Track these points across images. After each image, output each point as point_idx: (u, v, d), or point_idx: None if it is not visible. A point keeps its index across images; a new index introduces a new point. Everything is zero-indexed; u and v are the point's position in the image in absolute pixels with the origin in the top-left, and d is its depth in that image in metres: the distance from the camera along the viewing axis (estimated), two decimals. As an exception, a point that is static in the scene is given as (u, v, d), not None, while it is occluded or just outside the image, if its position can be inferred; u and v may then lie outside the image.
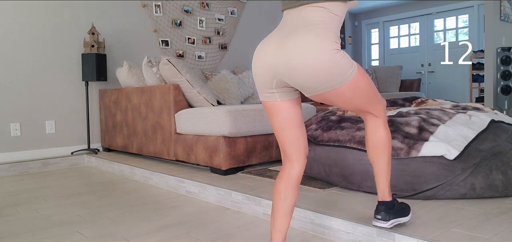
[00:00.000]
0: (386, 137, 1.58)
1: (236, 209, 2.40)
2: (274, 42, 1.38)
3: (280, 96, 1.44)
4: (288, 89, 1.43)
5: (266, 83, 1.43)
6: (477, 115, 2.32)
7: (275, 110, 1.47)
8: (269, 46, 1.39)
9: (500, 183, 2.03)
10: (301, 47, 1.31)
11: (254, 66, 1.45)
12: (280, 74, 1.37)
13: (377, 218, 1.63)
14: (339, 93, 1.38)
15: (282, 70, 1.36)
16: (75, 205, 2.63)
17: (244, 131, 2.99)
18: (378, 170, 1.62)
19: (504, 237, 1.55)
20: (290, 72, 1.34)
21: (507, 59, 5.86)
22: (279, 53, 1.36)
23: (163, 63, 3.38)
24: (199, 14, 5.41)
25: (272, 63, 1.38)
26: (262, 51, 1.41)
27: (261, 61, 1.41)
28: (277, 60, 1.36)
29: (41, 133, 4.22)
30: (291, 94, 1.45)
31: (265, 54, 1.40)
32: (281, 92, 1.44)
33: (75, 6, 4.40)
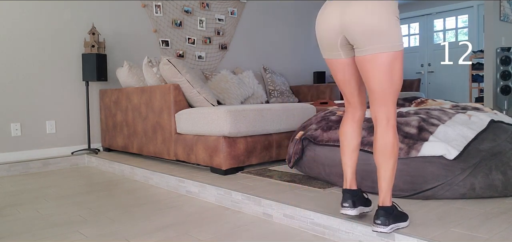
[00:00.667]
0: (394, 143, 1.61)
1: (236, 209, 2.40)
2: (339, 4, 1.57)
3: (344, 54, 1.65)
4: (350, 47, 1.63)
5: (332, 42, 1.63)
6: (476, 115, 2.33)
7: (340, 66, 1.69)
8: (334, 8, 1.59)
9: (499, 183, 2.03)
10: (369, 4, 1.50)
11: (320, 26, 1.64)
12: (344, 30, 1.56)
13: (376, 223, 1.61)
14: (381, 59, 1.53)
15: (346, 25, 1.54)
16: (75, 205, 2.63)
17: (244, 131, 2.99)
18: (382, 175, 1.63)
19: (504, 237, 1.55)
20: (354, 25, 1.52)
21: (507, 59, 5.86)
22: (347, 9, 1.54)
23: (163, 63, 3.39)
24: (199, 14, 5.41)
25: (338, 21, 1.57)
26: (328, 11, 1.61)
27: (328, 20, 1.60)
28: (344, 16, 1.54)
29: (42, 133, 4.22)
30: (353, 52, 1.64)
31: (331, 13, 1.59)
32: (345, 50, 1.64)
33: (75, 6, 4.40)
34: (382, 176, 1.63)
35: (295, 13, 6.60)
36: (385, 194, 1.64)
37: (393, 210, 1.65)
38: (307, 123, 2.81)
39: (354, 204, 1.71)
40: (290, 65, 6.53)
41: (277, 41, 6.35)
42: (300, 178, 2.71)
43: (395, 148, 1.61)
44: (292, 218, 2.05)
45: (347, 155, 1.74)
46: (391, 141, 1.60)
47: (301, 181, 2.61)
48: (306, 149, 2.63)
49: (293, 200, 2.16)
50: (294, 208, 2.04)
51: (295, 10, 6.60)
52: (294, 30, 6.58)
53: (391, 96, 1.59)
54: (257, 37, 6.08)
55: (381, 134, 1.61)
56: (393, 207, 1.66)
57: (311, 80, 6.85)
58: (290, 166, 2.77)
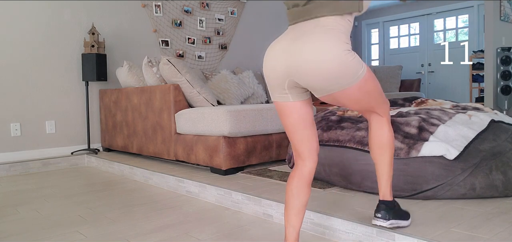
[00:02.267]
0: (390, 136, 1.60)
1: (236, 209, 2.40)
2: (286, 44, 1.41)
3: (292, 97, 1.47)
4: (299, 90, 1.46)
5: (279, 84, 1.45)
6: (477, 115, 2.33)
7: (287, 110, 1.50)
8: (281, 48, 1.42)
9: (500, 183, 2.03)
10: (313, 47, 1.34)
11: (266, 67, 1.47)
12: (292, 74, 1.40)
13: (377, 216, 1.63)
14: (348, 94, 1.41)
15: (294, 70, 1.38)
16: (75, 205, 2.63)
17: (244, 131, 2.99)
18: (380, 169, 1.64)
19: (504, 237, 1.55)
20: (302, 73, 1.37)
21: (507, 59, 5.86)
22: (291, 54, 1.38)
23: (163, 63, 3.38)
24: (199, 14, 5.41)
25: (284, 64, 1.40)
26: (274, 52, 1.44)
27: (273, 62, 1.44)
28: (289, 61, 1.39)
29: (41, 133, 4.22)
30: (303, 95, 1.48)
31: (277, 56, 1.43)
32: (293, 93, 1.47)
33: (75, 6, 4.40)
34: (380, 170, 1.64)
35: (295, 13, 6.59)
36: (385, 188, 1.64)
37: (394, 206, 1.65)
38: (307, 123, 2.80)
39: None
40: (290, 65, 6.53)
41: (277, 41, 6.34)
42: (300, 178, 2.70)
43: (391, 141, 1.60)
44: (292, 218, 2.04)
45: (291, 216, 1.51)
46: (386, 134, 1.59)
47: (301, 181, 2.61)
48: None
49: (293, 200, 2.16)
50: (294, 208, 2.03)
51: (295, 10, 6.59)
52: (294, 30, 6.57)
53: (375, 104, 1.53)
54: (257, 37, 6.08)
55: (375, 129, 1.61)
56: (394, 202, 1.67)
57: (311, 80, 6.85)
58: (290, 166, 2.77)
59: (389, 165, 1.62)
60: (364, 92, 1.44)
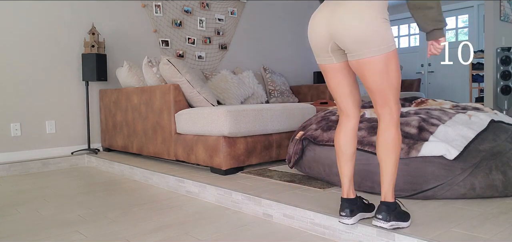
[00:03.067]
0: (397, 138, 1.63)
1: (236, 209, 2.40)
2: (329, 9, 1.58)
3: (336, 59, 1.65)
4: (341, 51, 1.63)
5: (323, 48, 1.63)
6: (477, 115, 2.33)
7: (332, 71, 1.68)
8: (324, 13, 1.59)
9: (500, 183, 2.03)
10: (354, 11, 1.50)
11: (311, 32, 1.65)
12: (334, 36, 1.56)
13: (377, 217, 1.63)
14: (374, 63, 1.53)
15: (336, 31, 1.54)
16: (75, 205, 2.63)
17: (244, 131, 2.99)
18: (384, 170, 1.65)
19: (504, 237, 1.55)
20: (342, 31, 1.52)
21: (507, 59, 5.86)
22: (333, 17, 1.55)
23: (163, 63, 3.38)
24: (199, 14, 5.41)
25: (327, 27, 1.57)
26: (318, 18, 1.62)
27: (318, 27, 1.61)
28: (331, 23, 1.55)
29: (41, 133, 4.22)
30: (345, 57, 1.64)
31: (321, 21, 1.60)
32: (337, 55, 1.64)
33: (75, 6, 4.40)
34: (384, 171, 1.65)
35: (295, 13, 6.60)
36: (387, 189, 1.65)
37: (395, 207, 1.65)
38: (307, 123, 2.81)
39: (351, 213, 1.71)
40: (290, 65, 6.53)
41: (277, 41, 6.35)
42: (300, 178, 2.70)
43: (397, 143, 1.62)
44: (292, 218, 2.05)
45: (343, 164, 1.73)
46: (393, 136, 1.62)
47: (301, 181, 2.61)
48: (306, 149, 2.62)
49: (293, 200, 2.16)
50: (294, 208, 2.03)
51: (295, 10, 6.60)
52: (294, 30, 6.58)
53: (391, 95, 1.60)
54: (257, 37, 6.08)
55: (383, 129, 1.63)
56: (396, 203, 1.67)
57: (311, 80, 6.85)
58: (290, 166, 2.77)
59: (393, 166, 1.63)
60: (388, 69, 1.55)
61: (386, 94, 1.59)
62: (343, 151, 1.71)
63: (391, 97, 1.60)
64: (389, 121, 1.62)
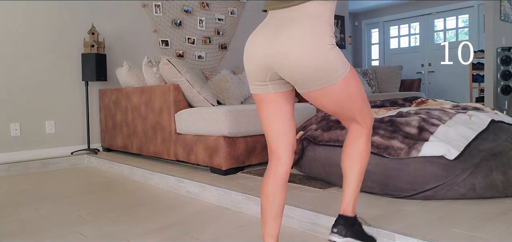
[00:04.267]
0: (366, 149, 1.47)
1: (236, 209, 2.40)
2: (268, 35, 1.33)
3: (273, 88, 1.40)
4: (282, 81, 1.39)
5: (259, 76, 1.38)
6: (477, 115, 2.32)
7: (266, 102, 1.42)
8: (262, 39, 1.34)
9: (500, 183, 2.03)
10: (296, 40, 1.26)
11: (247, 59, 1.39)
12: (274, 66, 1.32)
13: (333, 231, 1.48)
14: (329, 93, 1.32)
15: (276, 61, 1.31)
16: (75, 205, 2.62)
17: (244, 131, 2.99)
18: (348, 181, 1.49)
19: (504, 237, 1.55)
20: (284, 65, 1.29)
21: (507, 59, 5.86)
22: (273, 46, 1.30)
23: (163, 63, 3.38)
24: (199, 14, 5.41)
25: (265, 56, 1.33)
26: (254, 44, 1.36)
27: (254, 54, 1.36)
28: (271, 53, 1.31)
29: (41, 133, 4.22)
30: (284, 87, 1.41)
31: (258, 48, 1.35)
32: (275, 84, 1.39)
33: (75, 6, 4.40)
34: (347, 181, 1.50)
35: (295, 13, 6.59)
36: (348, 201, 1.50)
37: (354, 223, 1.50)
38: (307, 123, 2.81)
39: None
40: (290, 65, 6.52)
41: (277, 41, 6.34)
42: (300, 178, 2.70)
43: (365, 153, 1.47)
44: (292, 218, 2.04)
45: (268, 221, 1.42)
46: (362, 146, 1.47)
47: (301, 181, 2.61)
48: (306, 149, 2.62)
49: (293, 200, 2.16)
50: (294, 208, 2.03)
51: (295, 10, 6.59)
52: (294, 30, 6.57)
53: (358, 110, 1.41)
54: (257, 37, 6.08)
55: (352, 137, 1.48)
56: (355, 219, 1.52)
57: (311, 80, 6.84)
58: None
59: (357, 177, 1.48)
60: (345, 94, 1.34)
61: (351, 114, 1.42)
62: (271, 201, 1.41)
63: (357, 113, 1.42)
64: (359, 129, 1.47)
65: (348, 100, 1.36)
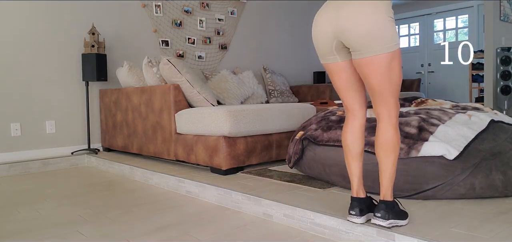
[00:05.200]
0: (396, 139, 1.63)
1: (236, 209, 2.40)
2: (334, 8, 1.58)
3: (340, 57, 1.65)
4: (346, 50, 1.62)
5: (327, 46, 1.63)
6: (477, 115, 2.33)
7: (337, 70, 1.68)
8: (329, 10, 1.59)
9: (500, 183, 2.03)
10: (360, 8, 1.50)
11: (316, 31, 1.64)
12: (339, 33, 1.56)
13: (376, 216, 1.65)
14: (377, 62, 1.53)
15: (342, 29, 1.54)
16: (75, 205, 2.63)
17: (244, 131, 2.99)
18: (383, 170, 1.66)
19: (504, 237, 1.55)
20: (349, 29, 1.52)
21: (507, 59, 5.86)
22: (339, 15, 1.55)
23: (163, 63, 3.38)
24: (199, 14, 5.41)
25: (332, 26, 1.57)
26: (322, 17, 1.61)
27: (323, 25, 1.61)
28: (337, 22, 1.55)
29: (41, 133, 4.22)
30: (350, 55, 1.63)
31: (326, 18, 1.60)
32: (341, 54, 1.64)
33: (75, 6, 4.40)
34: (383, 171, 1.66)
35: (295, 13, 6.60)
36: (386, 188, 1.66)
37: (394, 206, 1.67)
38: (307, 123, 2.81)
39: (361, 212, 1.73)
40: (290, 65, 6.53)
41: (277, 41, 6.35)
42: (300, 178, 2.70)
43: (396, 144, 1.63)
44: (292, 218, 2.05)
45: (351, 163, 1.74)
46: (392, 136, 1.62)
47: (301, 181, 2.61)
48: (306, 149, 2.62)
49: (293, 200, 2.16)
50: (294, 208, 2.03)
51: (295, 10, 6.60)
52: (294, 30, 6.58)
53: (391, 95, 1.60)
54: (257, 37, 6.08)
55: (382, 129, 1.64)
56: (394, 202, 1.68)
57: (311, 80, 6.85)
58: (290, 166, 2.77)
59: (392, 166, 1.65)
60: (390, 68, 1.54)
61: (387, 94, 1.60)
62: (351, 149, 1.72)
63: (391, 97, 1.61)
64: (387, 121, 1.63)
65: (389, 76, 1.56)
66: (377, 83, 1.57)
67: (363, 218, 1.73)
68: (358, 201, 1.74)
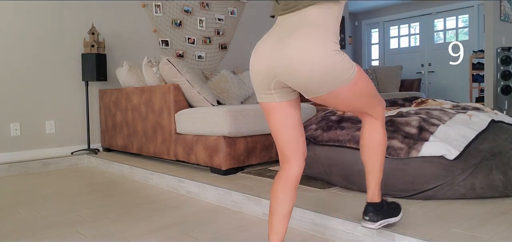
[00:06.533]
0: (383, 139, 1.57)
1: (236, 209, 2.40)
2: (273, 43, 1.35)
3: (278, 97, 1.42)
4: (287, 90, 1.41)
5: (264, 84, 1.40)
6: (477, 115, 2.32)
7: (273, 111, 1.44)
8: (267, 47, 1.36)
9: (500, 183, 2.03)
10: (301, 49, 1.28)
11: (252, 67, 1.42)
12: (279, 75, 1.34)
13: (365, 218, 1.61)
14: (338, 95, 1.35)
15: (281, 71, 1.32)
16: (75, 205, 2.63)
17: (244, 131, 2.99)
18: (370, 171, 1.61)
19: (504, 237, 1.55)
20: (290, 74, 1.31)
21: (507, 59, 5.86)
22: (278, 54, 1.32)
23: (163, 63, 3.38)
24: (199, 14, 5.41)
25: (270, 65, 1.34)
26: (260, 52, 1.38)
27: (260, 62, 1.38)
28: (276, 62, 1.33)
29: (41, 133, 4.22)
30: (290, 95, 1.43)
31: (263, 56, 1.36)
32: (280, 93, 1.41)
33: (75, 6, 4.40)
34: (370, 172, 1.60)
35: (295, 13, 6.59)
36: (374, 190, 1.62)
37: (382, 206, 1.63)
38: (307, 123, 2.81)
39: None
40: (290, 65, 6.52)
41: (277, 41, 6.34)
42: (300, 178, 2.70)
43: (382, 143, 1.57)
44: (292, 218, 2.04)
45: (276, 221, 1.45)
46: (379, 136, 1.56)
47: (301, 181, 2.61)
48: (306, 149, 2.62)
49: (293, 200, 2.16)
50: (294, 208, 2.03)
51: (295, 10, 6.59)
52: (294, 30, 6.57)
53: (369, 103, 1.47)
54: (257, 37, 6.08)
55: (368, 130, 1.57)
56: (382, 202, 1.64)
57: (311, 80, 6.85)
58: (290, 166, 2.76)
59: (379, 166, 1.59)
60: (356, 94, 1.38)
61: (363, 109, 1.49)
62: (280, 202, 1.44)
63: (368, 107, 1.49)
64: (373, 121, 1.55)
65: (358, 98, 1.41)
66: (347, 108, 1.45)
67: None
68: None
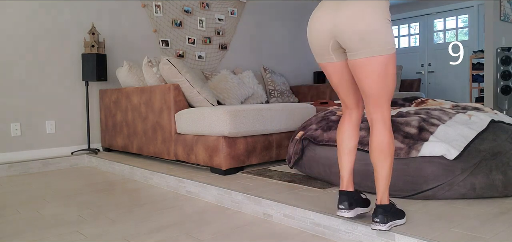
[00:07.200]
0: (391, 142, 1.63)
1: (236, 209, 2.40)
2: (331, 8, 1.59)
3: (336, 58, 1.66)
4: (342, 50, 1.64)
5: (324, 46, 1.64)
6: (477, 115, 2.32)
7: (333, 69, 1.70)
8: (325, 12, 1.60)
9: (500, 183, 2.03)
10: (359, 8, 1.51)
11: (312, 31, 1.65)
12: (334, 33, 1.57)
13: (375, 221, 1.63)
14: (372, 63, 1.53)
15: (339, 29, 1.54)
16: (75, 205, 2.63)
17: (244, 131, 2.99)
18: (380, 174, 1.65)
19: (504, 237, 1.55)
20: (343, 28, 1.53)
21: (507, 59, 5.86)
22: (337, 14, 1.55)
23: (163, 63, 3.38)
24: (199, 14, 5.41)
25: (329, 25, 1.58)
26: (319, 16, 1.62)
27: (319, 25, 1.62)
28: (333, 20, 1.56)
29: (41, 133, 4.22)
30: (345, 56, 1.65)
31: (322, 18, 1.60)
32: (337, 54, 1.65)
33: (75, 6, 4.40)
34: (379, 175, 1.65)
35: (295, 13, 6.60)
36: (383, 192, 1.65)
37: (390, 208, 1.67)
38: (307, 123, 2.81)
39: (350, 206, 1.72)
40: (290, 65, 6.53)
41: (277, 41, 6.35)
42: (300, 178, 2.70)
43: (391, 147, 1.62)
44: (292, 218, 2.04)
45: (344, 157, 1.75)
46: (387, 140, 1.61)
47: (301, 181, 2.61)
48: (306, 149, 2.62)
49: (293, 200, 2.16)
50: (294, 208, 2.03)
51: (295, 10, 6.60)
52: (294, 30, 6.57)
53: (385, 98, 1.60)
54: (257, 37, 6.08)
55: (377, 134, 1.63)
56: (391, 205, 1.68)
57: (311, 80, 6.85)
58: (290, 166, 2.77)
59: (388, 170, 1.64)
60: (386, 71, 1.55)
61: (381, 97, 1.60)
62: (346, 142, 1.74)
63: (384, 100, 1.61)
64: (382, 125, 1.62)
65: (385, 80, 1.57)
66: (372, 86, 1.58)
67: (352, 212, 1.72)
68: (347, 195, 1.73)
